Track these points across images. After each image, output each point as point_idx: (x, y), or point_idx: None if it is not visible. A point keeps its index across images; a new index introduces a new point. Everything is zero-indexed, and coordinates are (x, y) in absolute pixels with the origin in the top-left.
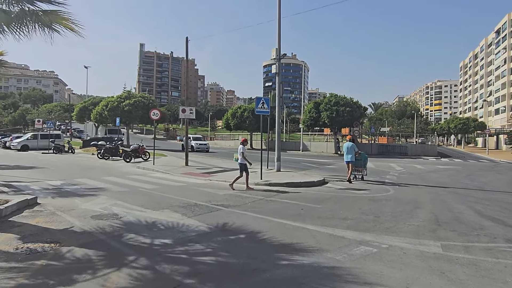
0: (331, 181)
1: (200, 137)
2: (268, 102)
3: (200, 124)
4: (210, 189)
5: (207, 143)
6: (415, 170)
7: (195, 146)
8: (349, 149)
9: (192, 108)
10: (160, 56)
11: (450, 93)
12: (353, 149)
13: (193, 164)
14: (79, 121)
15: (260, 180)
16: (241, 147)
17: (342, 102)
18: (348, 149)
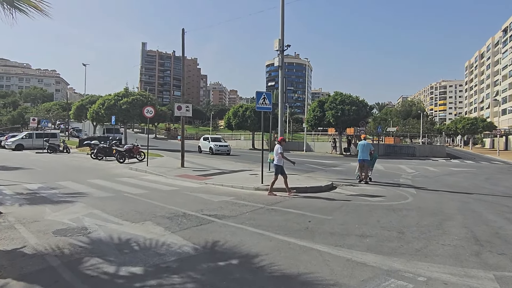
0: (340, 186)
1: (220, 137)
2: (270, 97)
3: (202, 124)
4: (204, 195)
5: (228, 145)
6: (428, 172)
7: (214, 148)
8: (365, 147)
9: (189, 105)
10: (162, 55)
11: (455, 93)
12: (368, 148)
13: (190, 165)
14: (76, 120)
15: (260, 185)
16: (278, 147)
17: (347, 101)
18: (363, 148)
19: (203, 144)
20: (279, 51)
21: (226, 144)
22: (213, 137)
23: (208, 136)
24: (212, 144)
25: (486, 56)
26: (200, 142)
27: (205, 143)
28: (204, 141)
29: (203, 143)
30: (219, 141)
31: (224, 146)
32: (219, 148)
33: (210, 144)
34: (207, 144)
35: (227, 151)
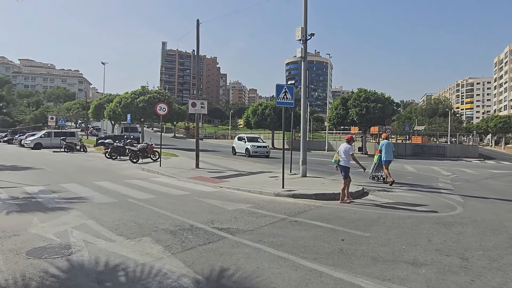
0: (372, 191)
1: (257, 136)
2: (292, 91)
3: (221, 123)
4: (218, 201)
5: (266, 145)
6: (467, 175)
7: (251, 150)
8: (390, 147)
9: (204, 102)
10: (182, 54)
11: (482, 90)
12: (391, 148)
13: (205, 166)
14: (95, 119)
15: (281, 190)
16: (349, 147)
17: (372, 98)
18: (388, 147)
19: (238, 145)
20: (302, 40)
21: (264, 145)
22: (249, 136)
23: (244, 135)
24: (248, 145)
25: None
26: (234, 142)
27: (240, 144)
28: (239, 142)
29: (237, 144)
30: (257, 141)
31: (263, 147)
32: (257, 150)
33: (247, 144)
34: (242, 144)
35: (266, 152)
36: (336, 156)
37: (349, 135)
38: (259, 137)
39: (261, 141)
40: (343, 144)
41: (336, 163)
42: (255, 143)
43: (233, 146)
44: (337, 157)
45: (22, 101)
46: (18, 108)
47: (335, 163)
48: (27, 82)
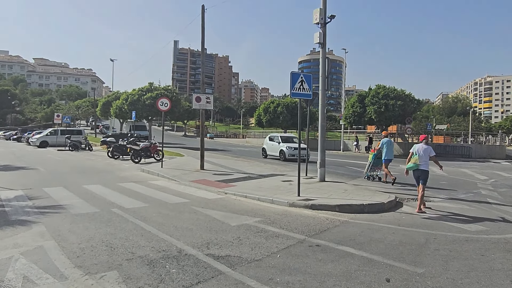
0: (406, 200)
1: (292, 136)
2: (310, 80)
3: (232, 121)
4: (219, 213)
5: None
6: (508, 180)
7: (287, 153)
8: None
9: (209, 96)
10: (194, 53)
11: (501, 89)
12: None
13: (211, 167)
14: (103, 117)
15: (297, 198)
16: (429, 148)
17: (392, 95)
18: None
19: (270, 146)
20: (320, 24)
21: (303, 146)
22: (283, 136)
23: (277, 134)
24: (283, 147)
25: None
26: (265, 143)
27: (273, 145)
28: (271, 143)
29: (269, 145)
30: (292, 141)
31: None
32: (295, 152)
33: (281, 146)
34: (275, 146)
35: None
36: (415, 159)
37: (423, 134)
38: (294, 137)
39: (296, 141)
40: (420, 145)
41: (415, 167)
42: (291, 144)
43: (263, 147)
44: (416, 160)
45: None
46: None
47: (412, 168)
48: (41, 81)
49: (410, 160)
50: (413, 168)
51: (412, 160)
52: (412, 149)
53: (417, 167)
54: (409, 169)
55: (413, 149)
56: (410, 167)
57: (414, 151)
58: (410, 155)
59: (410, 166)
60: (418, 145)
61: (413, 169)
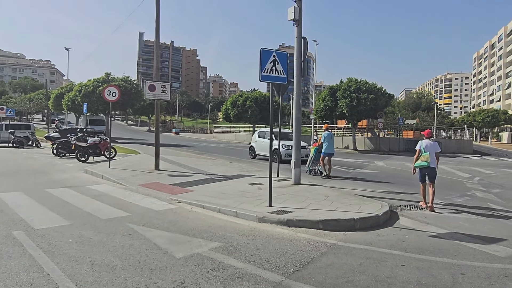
0: (401, 210)
1: (288, 131)
2: (284, 60)
3: (200, 116)
4: (164, 235)
5: (306, 145)
6: (493, 178)
7: (283, 152)
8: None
9: (165, 85)
10: (161, 45)
11: (460, 86)
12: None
13: (168, 167)
14: (57, 110)
15: (268, 210)
16: (435, 144)
17: (364, 88)
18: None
19: (260, 144)
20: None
21: (303, 145)
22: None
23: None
24: (281, 145)
25: (497, 47)
26: (254, 141)
27: (264, 143)
28: (261, 140)
29: (259, 143)
30: (288, 138)
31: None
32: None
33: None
34: (267, 144)
35: (306, 156)
36: (426, 157)
37: (427, 129)
38: (290, 132)
39: None
40: (427, 141)
41: (426, 165)
42: (289, 142)
43: (251, 146)
44: (427, 158)
45: None
46: None
47: (421, 166)
48: None
49: (418, 157)
50: (423, 166)
51: (423, 157)
52: (418, 146)
53: (427, 164)
54: (418, 167)
55: (419, 146)
56: (420, 165)
57: (421, 148)
58: (417, 152)
59: (421, 164)
60: (425, 141)
61: (422, 167)
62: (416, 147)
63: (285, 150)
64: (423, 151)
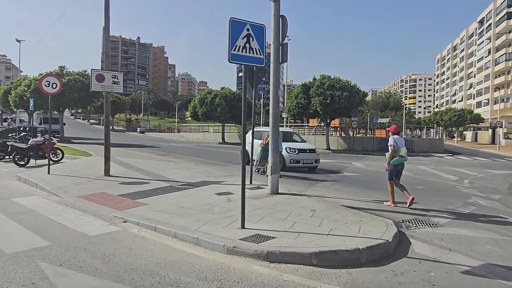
0: (408, 229)
1: (291, 131)
2: (261, 35)
3: (168, 115)
4: (87, 281)
5: (315, 148)
6: (481, 180)
7: (288, 158)
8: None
9: (117, 75)
10: (126, 41)
11: (424, 86)
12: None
13: (122, 172)
14: (4, 107)
15: (240, 234)
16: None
17: (337, 85)
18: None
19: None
20: None
21: (312, 148)
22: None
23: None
24: (284, 148)
25: (459, 49)
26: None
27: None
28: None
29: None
30: (292, 139)
31: (309, 151)
32: (301, 157)
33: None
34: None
35: (315, 162)
36: (404, 152)
37: (393, 125)
38: (294, 133)
39: (298, 138)
40: (398, 137)
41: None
42: (294, 145)
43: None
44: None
45: None
46: None
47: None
48: None
49: (394, 153)
50: (401, 161)
51: (401, 152)
52: (391, 142)
53: (405, 160)
54: (394, 163)
55: (393, 142)
56: (398, 161)
57: (396, 144)
58: (392, 148)
59: (398, 160)
60: (397, 137)
61: (399, 163)
62: (390, 143)
63: (291, 155)
64: (398, 146)
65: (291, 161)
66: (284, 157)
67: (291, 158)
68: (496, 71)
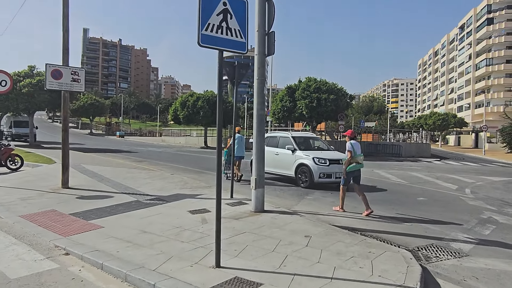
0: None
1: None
2: (243, 11)
3: (149, 118)
4: None
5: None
6: (474, 186)
7: (316, 171)
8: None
9: (78, 71)
10: (107, 43)
11: (406, 91)
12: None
13: (83, 182)
14: None
15: (212, 277)
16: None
17: (324, 88)
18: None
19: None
20: None
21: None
22: (298, 136)
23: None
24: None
25: (440, 54)
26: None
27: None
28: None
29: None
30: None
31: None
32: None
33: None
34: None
35: None
36: (361, 158)
37: (350, 130)
38: (317, 138)
39: (323, 145)
40: (354, 142)
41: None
42: (323, 154)
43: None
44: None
45: None
46: None
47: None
48: None
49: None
50: (357, 168)
51: (358, 159)
52: (349, 147)
53: (362, 167)
54: (350, 170)
55: (350, 148)
56: (355, 167)
57: (353, 149)
58: (349, 154)
59: (356, 166)
60: (354, 142)
61: (355, 170)
62: (347, 148)
63: (321, 168)
64: (355, 152)
65: (321, 175)
66: (312, 170)
67: (321, 171)
68: (476, 76)
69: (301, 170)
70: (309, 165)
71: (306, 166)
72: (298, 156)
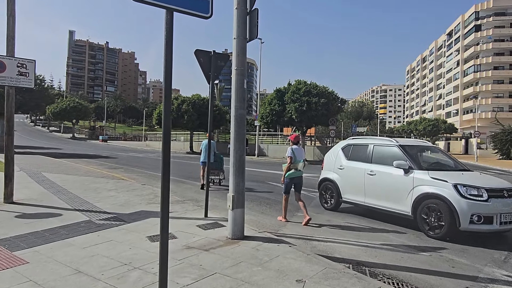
0: None
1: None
2: None
3: (136, 122)
4: None
5: None
6: None
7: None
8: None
9: (26, 63)
10: (94, 46)
11: (394, 96)
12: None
13: (33, 195)
14: None
15: None
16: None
17: (314, 92)
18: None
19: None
20: None
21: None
22: (412, 145)
23: (385, 142)
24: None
25: (428, 60)
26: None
27: (374, 175)
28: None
29: (351, 174)
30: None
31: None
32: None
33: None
34: (394, 179)
35: None
36: (301, 165)
37: (293, 134)
38: (436, 148)
39: (450, 161)
40: (298, 148)
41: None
42: (471, 179)
43: (326, 179)
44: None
45: None
46: None
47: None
48: None
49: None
50: (297, 175)
51: (298, 166)
52: (289, 153)
53: (301, 173)
54: (290, 176)
55: (291, 154)
56: (294, 174)
57: (293, 155)
58: (289, 160)
59: (294, 173)
60: (296, 148)
61: (295, 176)
62: (287, 154)
63: (474, 205)
64: (298, 159)
65: (476, 219)
66: (456, 209)
67: (473, 211)
68: (464, 82)
69: (428, 206)
70: (448, 199)
71: (441, 200)
72: (418, 179)
